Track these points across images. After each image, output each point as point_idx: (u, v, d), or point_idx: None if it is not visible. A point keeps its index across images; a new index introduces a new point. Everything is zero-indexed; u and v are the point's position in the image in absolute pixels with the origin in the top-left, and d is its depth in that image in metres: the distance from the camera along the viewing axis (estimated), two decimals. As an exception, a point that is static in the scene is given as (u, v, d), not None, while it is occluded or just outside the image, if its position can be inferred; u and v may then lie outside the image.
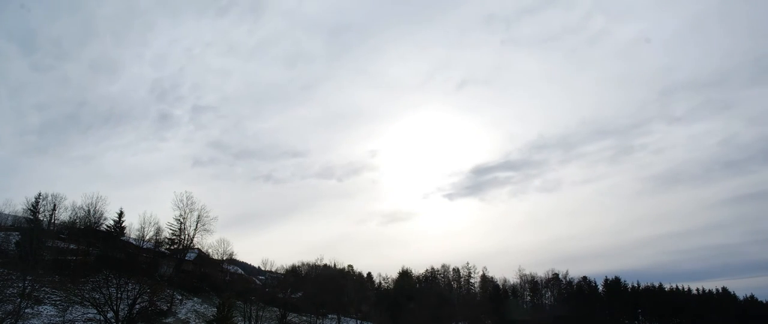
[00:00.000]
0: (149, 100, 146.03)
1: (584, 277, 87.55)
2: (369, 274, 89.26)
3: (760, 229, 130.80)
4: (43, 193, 54.68)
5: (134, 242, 60.49)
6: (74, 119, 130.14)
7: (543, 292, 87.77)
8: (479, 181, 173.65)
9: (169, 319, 47.55)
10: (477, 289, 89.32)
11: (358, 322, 68.27)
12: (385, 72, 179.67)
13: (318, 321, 63.62)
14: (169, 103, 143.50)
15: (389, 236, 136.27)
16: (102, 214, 59.42)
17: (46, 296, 41.49)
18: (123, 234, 61.42)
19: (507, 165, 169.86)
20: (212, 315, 42.96)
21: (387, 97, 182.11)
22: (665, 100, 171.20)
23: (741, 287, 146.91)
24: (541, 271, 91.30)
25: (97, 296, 37.16)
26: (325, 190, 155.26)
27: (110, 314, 35.29)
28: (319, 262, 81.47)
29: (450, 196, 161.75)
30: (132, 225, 73.94)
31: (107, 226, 60.55)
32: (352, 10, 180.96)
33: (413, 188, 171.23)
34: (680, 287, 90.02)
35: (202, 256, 67.01)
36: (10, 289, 36.19)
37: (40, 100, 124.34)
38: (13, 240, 48.38)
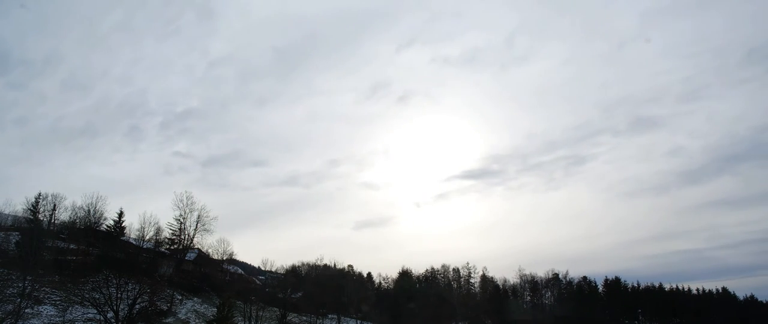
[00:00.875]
0: (120, 114, 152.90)
1: (584, 277, 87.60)
2: (369, 274, 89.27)
3: (722, 234, 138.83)
4: (43, 193, 54.78)
5: (134, 242, 60.47)
6: (55, 132, 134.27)
7: (543, 292, 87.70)
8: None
9: (169, 319, 47.55)
10: (477, 289, 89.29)
11: (358, 322, 68.26)
12: (328, 87, 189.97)
13: (318, 321, 63.61)
14: (137, 117, 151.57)
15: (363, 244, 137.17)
16: (102, 214, 59.56)
17: (46, 296, 41.50)
18: (123, 234, 61.43)
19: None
20: (212, 315, 42.95)
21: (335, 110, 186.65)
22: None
23: (741, 287, 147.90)
24: (541, 271, 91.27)
25: (97, 296, 37.14)
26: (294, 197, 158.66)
27: (110, 314, 35.29)
28: (319, 262, 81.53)
29: (418, 205, 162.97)
30: (132, 225, 74.04)
31: (107, 226, 60.64)
32: (294, 31, 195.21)
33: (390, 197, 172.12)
34: (680, 287, 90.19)
35: (202, 256, 66.99)
36: (10, 289, 36.24)
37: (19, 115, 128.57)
38: (13, 240, 48.35)
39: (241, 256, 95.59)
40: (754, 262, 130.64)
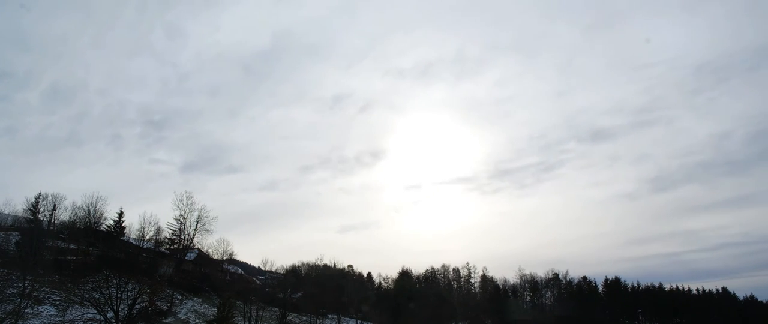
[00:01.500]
0: (102, 122, 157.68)
1: (584, 277, 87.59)
2: (369, 274, 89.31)
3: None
4: (43, 193, 54.80)
5: (134, 242, 60.50)
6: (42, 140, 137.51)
7: (543, 292, 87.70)
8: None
9: (169, 319, 47.55)
10: (477, 289, 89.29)
11: (358, 322, 68.24)
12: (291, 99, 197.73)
13: (318, 321, 63.59)
14: (117, 126, 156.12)
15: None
16: (102, 214, 59.56)
17: (46, 296, 41.53)
18: (123, 234, 61.43)
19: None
20: (212, 315, 43.02)
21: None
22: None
23: (741, 287, 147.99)
24: (541, 271, 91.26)
25: (97, 296, 37.13)
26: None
27: (110, 314, 35.27)
28: (319, 262, 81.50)
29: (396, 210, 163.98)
30: (132, 225, 73.93)
31: (107, 226, 60.63)
32: (259, 45, 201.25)
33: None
34: (680, 287, 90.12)
35: (202, 256, 67.00)
36: (10, 289, 36.29)
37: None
38: (13, 240, 48.37)
39: (241, 256, 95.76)
40: (727, 265, 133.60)
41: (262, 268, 72.87)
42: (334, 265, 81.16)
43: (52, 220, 55.70)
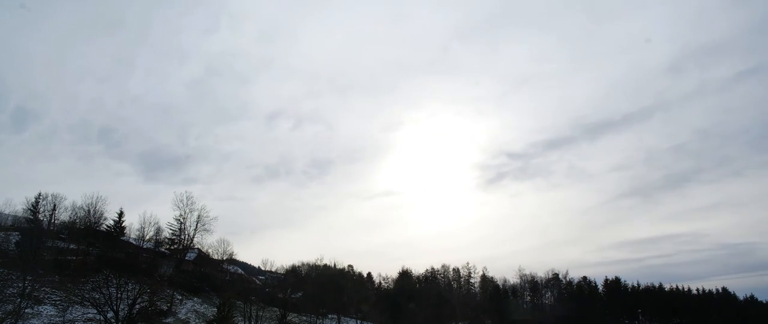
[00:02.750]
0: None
1: (584, 277, 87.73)
2: (369, 274, 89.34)
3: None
4: (43, 193, 54.79)
5: (134, 242, 60.51)
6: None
7: (543, 292, 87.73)
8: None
9: (169, 319, 47.53)
10: (477, 289, 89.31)
11: (358, 322, 68.19)
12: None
13: (318, 321, 63.57)
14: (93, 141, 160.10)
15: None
16: (102, 214, 59.50)
17: (46, 296, 41.51)
18: (123, 234, 61.40)
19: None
20: (212, 315, 42.99)
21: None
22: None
23: (741, 287, 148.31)
24: (541, 271, 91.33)
25: (97, 296, 37.10)
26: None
27: (110, 314, 35.24)
28: (319, 262, 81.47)
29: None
30: (132, 225, 74.08)
31: (107, 226, 60.57)
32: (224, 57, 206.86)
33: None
34: (680, 287, 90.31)
35: (202, 256, 66.97)
36: (10, 289, 36.25)
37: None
38: (13, 240, 48.36)
39: (241, 256, 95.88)
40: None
41: (262, 268, 72.92)
42: (334, 265, 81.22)
43: (52, 220, 55.71)
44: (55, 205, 55.03)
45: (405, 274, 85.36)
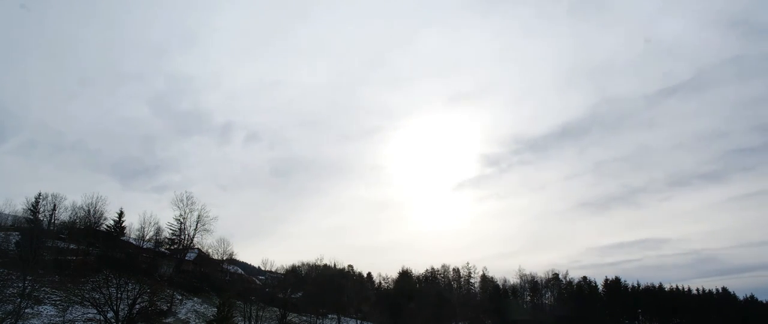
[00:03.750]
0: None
1: (584, 277, 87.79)
2: (369, 274, 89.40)
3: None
4: (43, 193, 54.79)
5: (134, 242, 60.52)
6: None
7: (543, 292, 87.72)
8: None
9: (169, 319, 47.53)
10: (477, 289, 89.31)
11: (358, 322, 68.19)
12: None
13: (318, 321, 63.56)
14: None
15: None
16: (102, 214, 59.58)
17: (46, 296, 41.51)
18: (123, 234, 61.43)
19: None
20: (212, 315, 42.98)
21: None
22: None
23: (741, 287, 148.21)
24: (541, 271, 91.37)
25: (97, 296, 37.11)
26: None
27: (110, 314, 35.25)
28: (319, 262, 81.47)
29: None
30: (132, 225, 74.18)
31: (107, 226, 60.62)
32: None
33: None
34: (680, 287, 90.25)
35: (202, 256, 66.97)
36: (10, 289, 36.25)
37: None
38: (13, 240, 48.36)
39: (241, 256, 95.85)
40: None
41: (262, 268, 72.92)
42: (334, 265, 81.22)
43: (52, 220, 55.74)
44: (55, 205, 55.17)
45: (405, 274, 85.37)
